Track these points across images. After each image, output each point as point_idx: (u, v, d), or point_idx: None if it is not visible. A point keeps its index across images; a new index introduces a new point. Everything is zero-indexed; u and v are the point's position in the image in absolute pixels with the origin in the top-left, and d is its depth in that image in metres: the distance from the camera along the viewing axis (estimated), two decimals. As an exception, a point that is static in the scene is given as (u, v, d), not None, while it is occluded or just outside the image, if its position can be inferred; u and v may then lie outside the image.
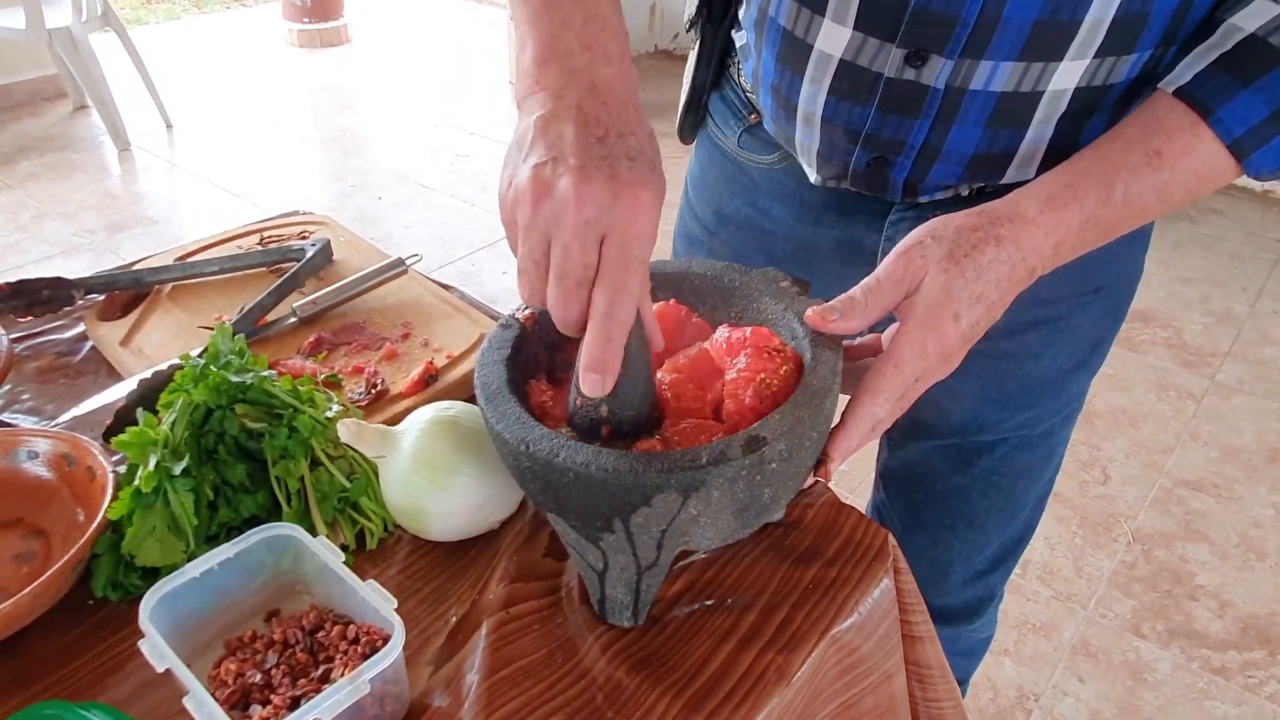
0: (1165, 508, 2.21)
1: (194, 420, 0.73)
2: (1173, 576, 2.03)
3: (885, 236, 0.83)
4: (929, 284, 0.61)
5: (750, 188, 0.90)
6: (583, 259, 0.51)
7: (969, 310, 0.61)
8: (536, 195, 0.51)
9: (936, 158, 0.73)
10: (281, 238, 1.11)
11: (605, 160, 0.51)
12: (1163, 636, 1.89)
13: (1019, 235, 0.62)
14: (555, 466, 0.56)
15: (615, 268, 0.51)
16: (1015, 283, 0.63)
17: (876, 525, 0.75)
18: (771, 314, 0.68)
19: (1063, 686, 1.79)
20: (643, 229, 0.51)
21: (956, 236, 0.62)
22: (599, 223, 0.50)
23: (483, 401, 0.62)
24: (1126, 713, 1.74)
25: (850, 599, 0.69)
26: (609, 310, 0.52)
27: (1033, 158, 0.72)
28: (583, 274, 0.52)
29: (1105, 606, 1.95)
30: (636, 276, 0.52)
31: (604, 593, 0.66)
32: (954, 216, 0.63)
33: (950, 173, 0.74)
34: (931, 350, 0.61)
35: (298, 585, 0.70)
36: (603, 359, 0.53)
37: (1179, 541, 2.11)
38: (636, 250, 0.51)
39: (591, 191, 0.50)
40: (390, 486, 0.71)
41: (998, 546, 1.04)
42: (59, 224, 3.38)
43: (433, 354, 0.92)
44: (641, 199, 0.51)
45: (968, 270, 0.61)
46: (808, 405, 0.58)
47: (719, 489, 0.56)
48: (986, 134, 0.70)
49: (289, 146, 4.08)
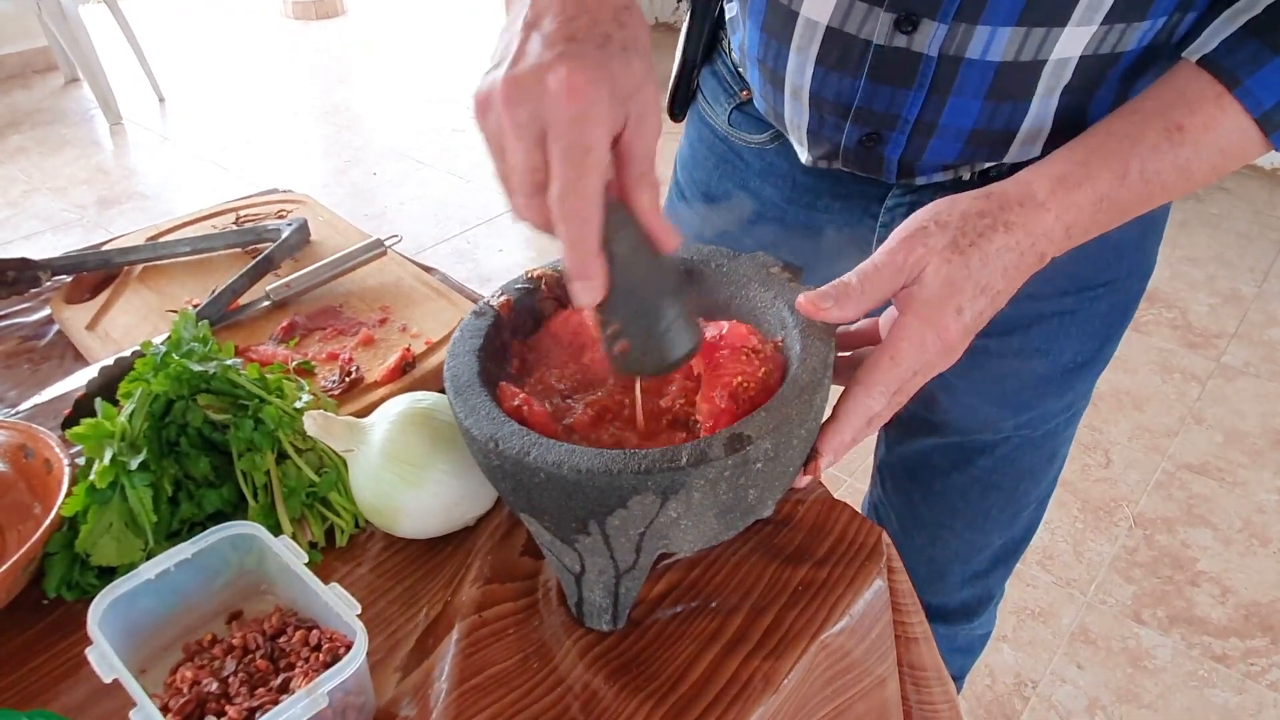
0: (1168, 492, 2.18)
1: (154, 411, 0.70)
2: (1174, 562, 2.00)
3: (881, 222, 0.79)
4: (931, 274, 0.57)
5: (741, 168, 0.86)
6: (527, 163, 0.47)
7: (973, 302, 0.57)
8: (481, 107, 0.48)
9: (932, 133, 0.69)
10: (257, 217, 1.08)
11: (539, 52, 0.46)
12: (1163, 623, 1.86)
13: (1029, 220, 0.58)
14: (526, 466, 0.53)
15: (559, 163, 0.46)
16: (1024, 270, 0.59)
17: (870, 523, 0.72)
18: (760, 302, 0.65)
19: (1061, 673, 1.77)
20: (580, 113, 0.45)
21: (962, 223, 0.58)
22: (534, 121, 0.46)
23: (452, 395, 0.58)
24: (1126, 700, 1.72)
25: (842, 601, 0.66)
26: (560, 210, 0.46)
27: (1037, 135, 0.68)
28: (532, 180, 0.47)
29: (1105, 592, 1.93)
30: (584, 167, 0.45)
31: (581, 595, 0.62)
32: (960, 199, 0.59)
33: (948, 150, 0.70)
34: (931, 344, 0.58)
35: (262, 585, 0.67)
36: (574, 263, 0.48)
37: (1181, 526, 2.08)
38: (576, 137, 0.45)
39: (518, 90, 0.45)
40: (359, 482, 0.68)
41: (998, 547, 1.01)
42: (49, 199, 3.33)
43: (410, 340, 0.89)
44: (572, 82, 0.44)
45: (973, 260, 0.57)
46: (795, 401, 0.55)
47: (700, 491, 0.52)
48: (986, 107, 0.66)
49: (283, 121, 4.02)
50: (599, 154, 0.46)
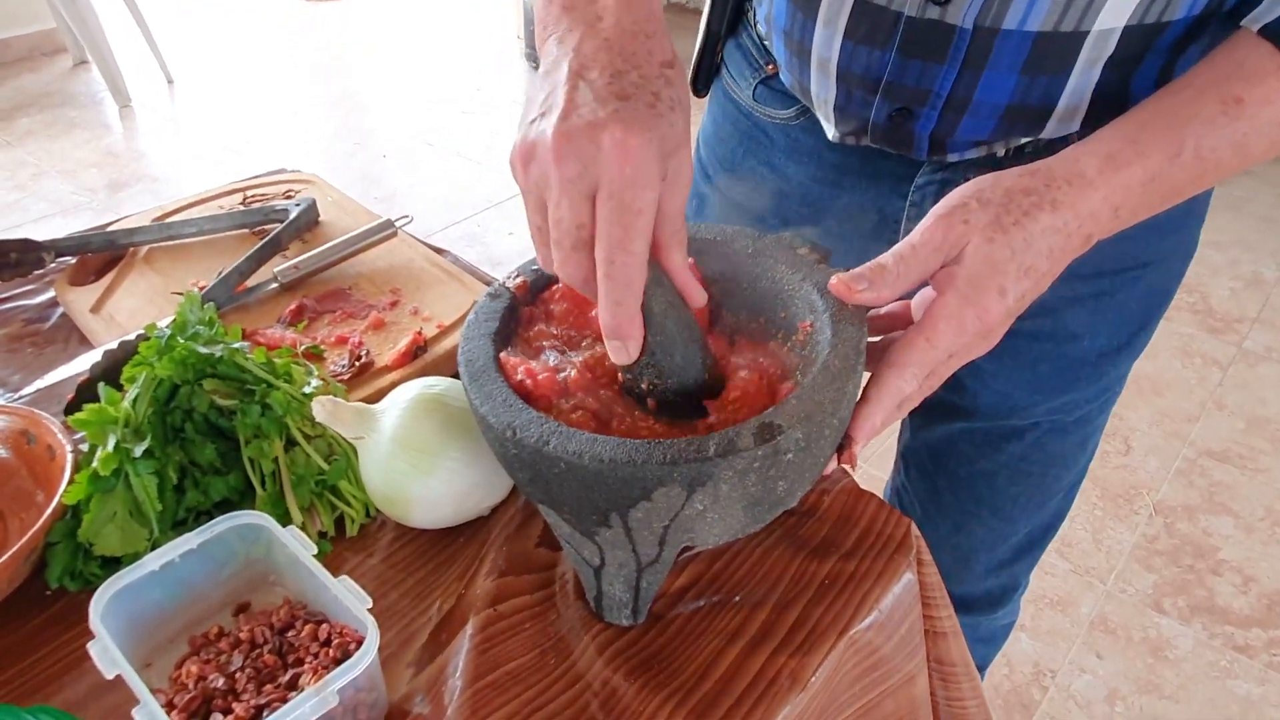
0: (1189, 479, 2.14)
1: (159, 396, 0.67)
2: (1195, 550, 1.97)
3: (911, 201, 0.76)
4: (972, 253, 0.54)
5: (766, 145, 0.83)
6: (573, 219, 0.46)
7: (1016, 284, 0.54)
8: (525, 157, 0.47)
9: (966, 109, 0.66)
10: (265, 197, 1.05)
11: (592, 106, 0.46)
12: (1184, 612, 1.83)
13: (1076, 199, 0.55)
14: (545, 455, 0.50)
15: (608, 224, 0.45)
16: (1068, 252, 0.56)
17: (899, 514, 0.69)
18: (787, 284, 0.62)
19: (1080, 663, 1.74)
20: (633, 175, 0.45)
21: (1006, 200, 0.54)
22: (584, 178, 0.45)
23: (466, 380, 0.56)
24: (1146, 691, 1.69)
25: (870, 595, 0.64)
26: (608, 271, 0.46)
27: (1075, 110, 0.65)
28: (576, 235, 0.47)
29: (1125, 581, 1.90)
30: (635, 230, 0.45)
31: (600, 589, 0.60)
32: (1003, 176, 0.56)
33: (981, 126, 0.67)
34: (970, 326, 0.55)
35: (270, 576, 0.65)
36: (614, 324, 0.48)
37: (1202, 514, 2.05)
38: (630, 200, 0.45)
39: (571, 146, 0.45)
40: (370, 471, 0.65)
41: (1024, 535, 0.98)
42: (59, 182, 3.31)
43: (422, 323, 0.86)
44: (628, 144, 0.44)
45: (1016, 239, 0.54)
46: (828, 389, 0.52)
47: (728, 482, 0.50)
48: (1022, 81, 0.63)
49: (292, 103, 3.99)
50: (649, 216, 0.46)
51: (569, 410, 0.54)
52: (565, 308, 0.63)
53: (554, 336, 0.60)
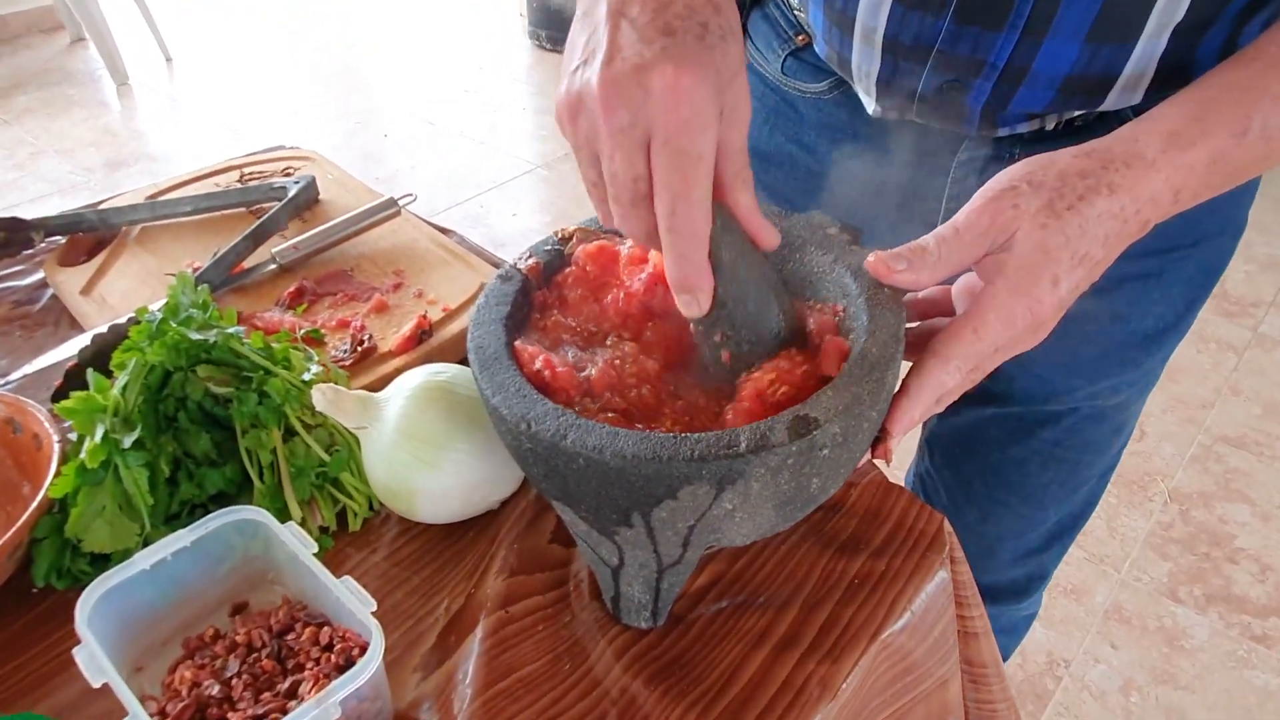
0: (1204, 466, 2.11)
1: (150, 383, 0.64)
2: (1211, 538, 1.93)
3: (952, 179, 0.71)
4: (1023, 240, 0.50)
5: (795, 121, 0.79)
6: (629, 172, 0.43)
7: (1070, 273, 0.50)
8: (571, 110, 0.44)
9: (1022, 80, 0.62)
10: (263, 174, 1.01)
11: (636, 47, 0.42)
12: (1200, 601, 1.80)
13: (1136, 183, 0.51)
14: (562, 451, 0.47)
15: (666, 173, 0.43)
16: (1125, 239, 0.52)
17: (930, 509, 0.66)
18: (818, 266, 0.58)
19: (1094, 653, 1.71)
20: (688, 118, 0.41)
21: (1059, 183, 0.50)
22: (636, 126, 0.42)
23: (476, 369, 0.52)
24: (1161, 681, 1.67)
25: (903, 595, 0.60)
26: (670, 223, 0.44)
27: (1139, 80, 0.61)
28: (634, 190, 0.44)
29: (1140, 569, 1.87)
30: (694, 177, 0.42)
31: (618, 590, 0.57)
32: (1057, 156, 0.52)
33: (1038, 98, 0.63)
34: (1021, 319, 0.51)
35: (269, 573, 0.61)
36: (681, 277, 0.46)
37: (1218, 501, 2.02)
38: (687, 145, 0.42)
39: (618, 93, 0.42)
40: (373, 463, 0.62)
41: (1054, 523, 0.95)
42: (57, 161, 3.27)
43: (426, 306, 0.83)
44: (679, 84, 0.41)
45: (1070, 225, 0.50)
46: (866, 380, 0.48)
47: (760, 480, 0.46)
48: (1085, 50, 0.59)
49: (293, 81, 3.93)
50: (709, 160, 0.43)
51: (594, 412, 0.50)
52: (580, 294, 0.59)
53: (571, 329, 0.56)
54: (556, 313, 0.58)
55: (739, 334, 0.51)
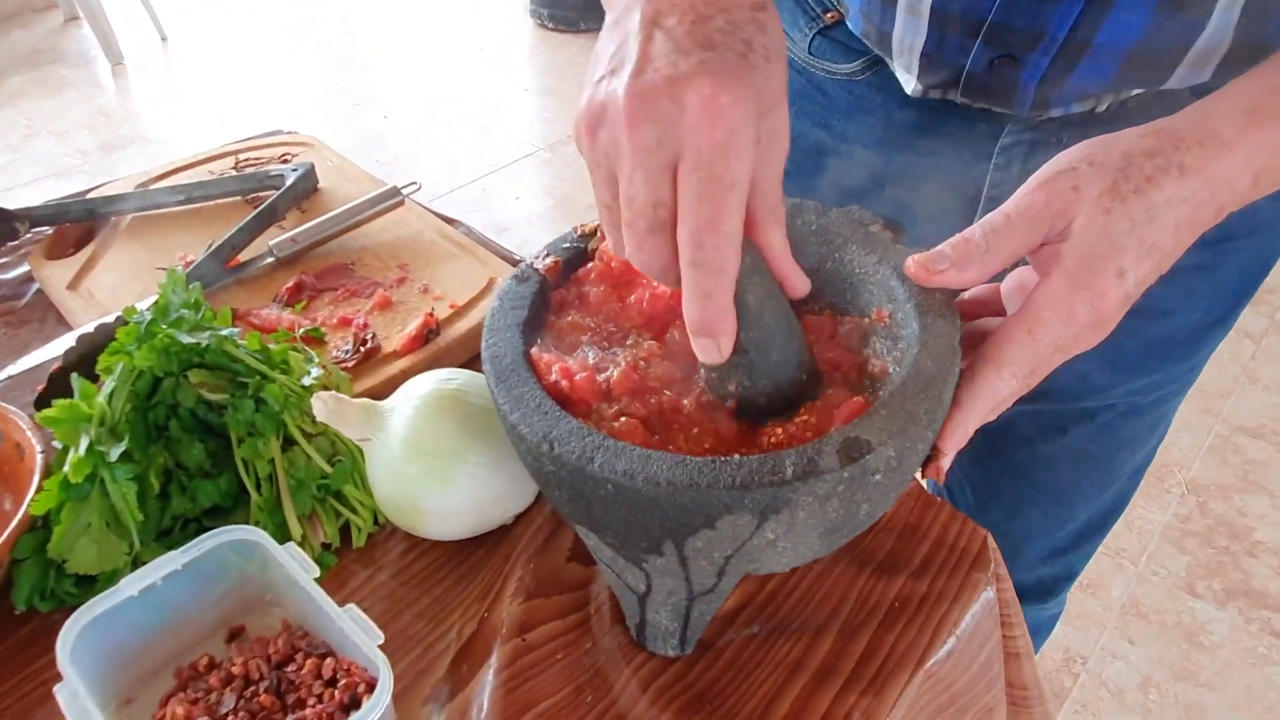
0: (1222, 456, 2.07)
1: (138, 390, 0.60)
2: (1230, 531, 1.90)
3: (994, 165, 0.67)
4: (1084, 227, 0.45)
5: (822, 105, 0.74)
6: (649, 196, 0.39)
7: (1136, 265, 0.46)
8: (591, 123, 0.40)
9: (1084, 54, 0.57)
10: (259, 161, 0.96)
11: (671, 58, 0.37)
12: (1219, 596, 1.77)
13: (1209, 164, 0.46)
14: (589, 476, 0.42)
15: (695, 201, 0.38)
16: (1197, 227, 0.47)
17: (972, 523, 0.62)
18: (860, 267, 0.53)
19: (1112, 649, 1.68)
20: (724, 141, 0.37)
21: (1125, 164, 0.46)
22: (664, 146, 0.38)
23: (492, 381, 0.47)
24: (1180, 678, 1.63)
25: (948, 619, 0.56)
26: (695, 257, 0.39)
27: (1210, 55, 0.56)
28: (653, 216, 0.39)
29: (1157, 563, 1.83)
30: (727, 206, 0.38)
31: (644, 618, 0.53)
32: (1120, 136, 0.48)
33: (1099, 74, 0.58)
34: (1082, 316, 0.46)
35: (267, 595, 0.57)
36: (703, 319, 0.40)
37: (1236, 493, 1.98)
38: (721, 170, 0.37)
39: (647, 106, 0.37)
40: (378, 477, 0.58)
41: (1083, 522, 0.91)
42: (51, 143, 3.21)
43: (433, 303, 0.78)
44: (717, 102, 0.37)
45: (1137, 210, 0.45)
46: (921, 397, 0.44)
47: (806, 509, 0.42)
48: (1156, 20, 0.54)
49: (291, 60, 3.86)
50: (742, 190, 0.38)
51: (612, 417, 0.46)
52: (601, 291, 0.54)
53: (589, 329, 0.52)
54: (574, 313, 0.54)
55: (756, 385, 0.47)
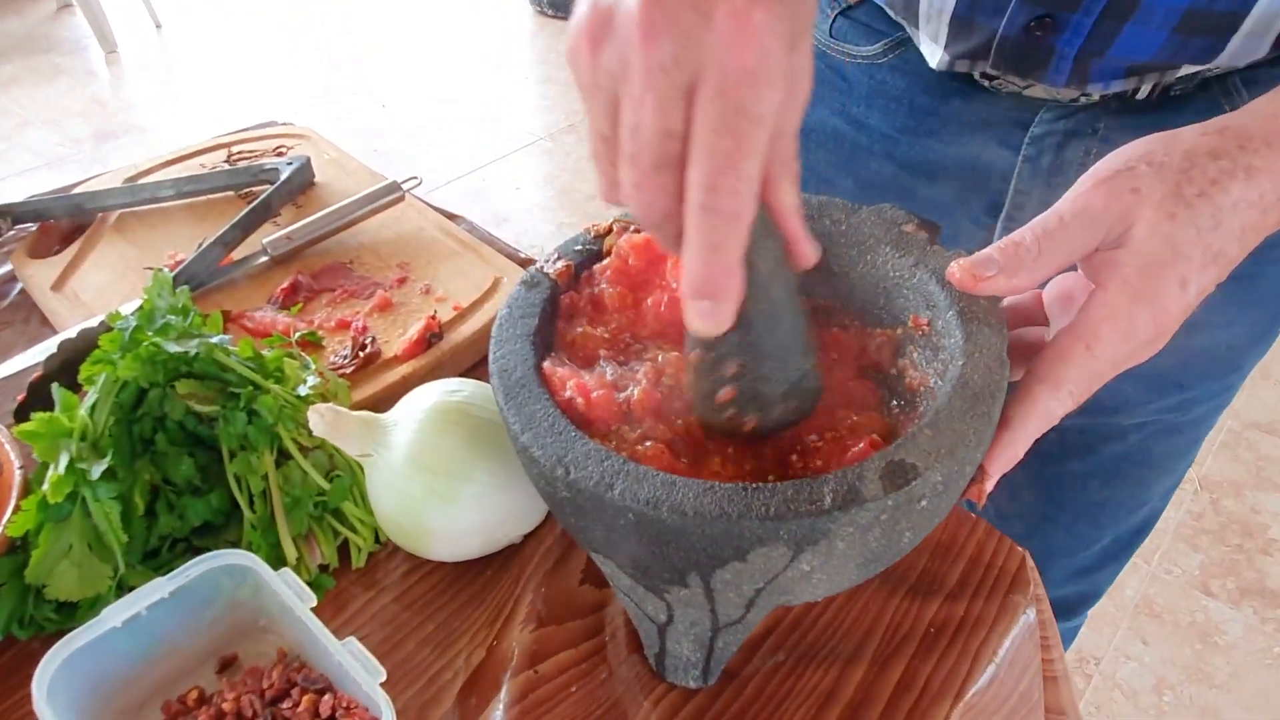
0: (1234, 453, 2.04)
1: (122, 402, 0.56)
2: (1243, 529, 1.87)
3: (1024, 156, 0.63)
4: (1146, 234, 0.42)
5: (842, 91, 0.70)
6: (659, 124, 0.32)
7: (1200, 274, 0.42)
8: (594, 36, 0.33)
9: (1131, 15, 0.52)
10: (253, 154, 0.92)
11: None
12: (1233, 595, 1.74)
13: (1277, 165, 0.42)
14: (608, 504, 0.39)
15: (714, 133, 0.32)
16: (1262, 232, 0.44)
17: (1009, 541, 0.58)
18: (894, 270, 0.50)
19: (1125, 649, 1.65)
20: (754, 66, 0.31)
21: (1187, 164, 0.42)
22: (683, 65, 0.31)
23: (501, 398, 0.44)
24: (1195, 679, 1.61)
25: (986, 646, 0.53)
26: (707, 200, 0.33)
27: (1270, 24, 0.52)
28: (661, 148, 0.33)
29: (1170, 562, 1.80)
30: (751, 143, 0.32)
31: (664, 647, 0.49)
32: (1180, 134, 0.44)
33: (1148, 40, 0.53)
34: (1143, 329, 0.43)
35: (261, 620, 0.54)
36: (707, 276, 0.34)
37: (1250, 490, 1.95)
38: (748, 101, 0.31)
39: (665, 15, 0.31)
40: (380, 495, 0.54)
41: (1111, 541, 0.87)
42: (44, 132, 3.17)
43: (435, 305, 0.74)
44: (751, 18, 0.31)
45: (1202, 216, 0.42)
46: (970, 415, 0.40)
47: (845, 539, 0.38)
48: None
49: (287, 48, 3.81)
50: (769, 128, 0.32)
51: (635, 441, 0.42)
52: (616, 294, 0.50)
53: (604, 341, 0.48)
54: (586, 324, 0.50)
55: (758, 369, 0.41)
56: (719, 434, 0.44)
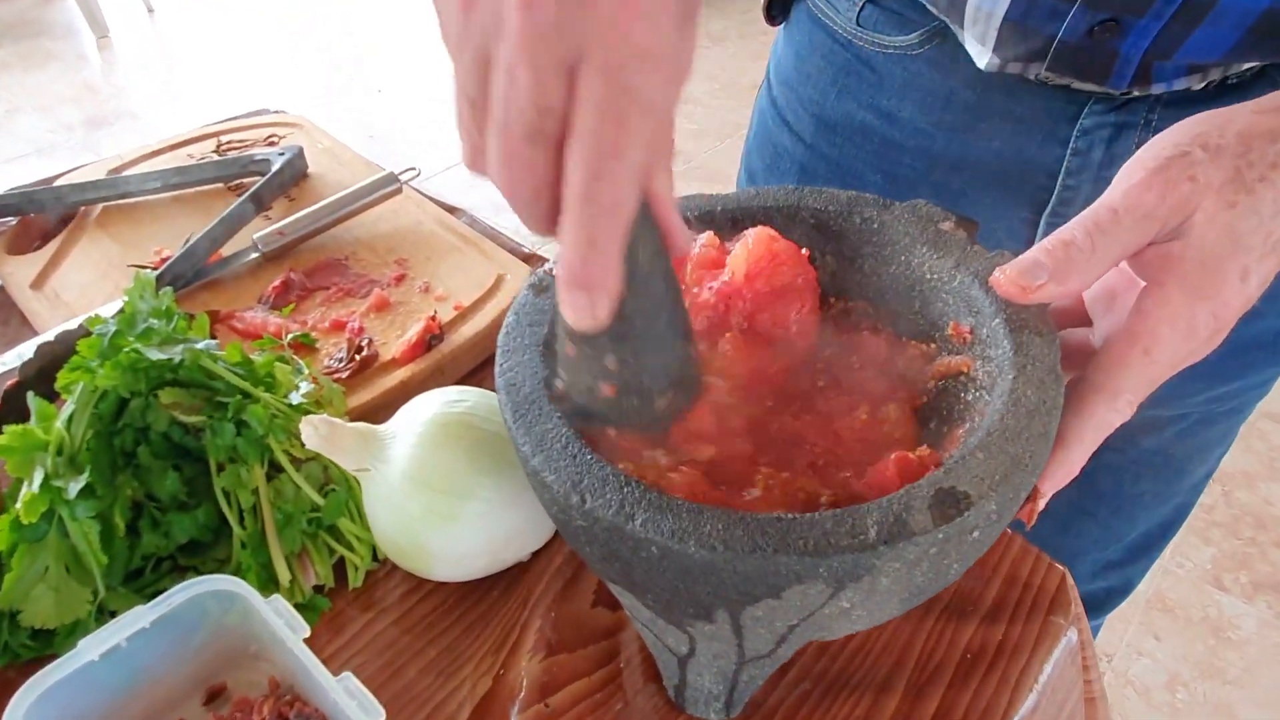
0: (1246, 443, 2.00)
1: (101, 413, 0.52)
2: (1256, 521, 1.84)
3: (1072, 151, 0.59)
4: (1205, 225, 0.39)
5: (871, 83, 0.66)
6: (535, 95, 0.29)
7: (1261, 263, 0.39)
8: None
9: (1204, 17, 0.49)
10: (244, 144, 0.88)
11: None
12: (1246, 589, 1.71)
13: None
14: (628, 536, 0.35)
15: (598, 116, 0.29)
16: None
17: (1047, 558, 0.55)
18: (934, 273, 0.46)
19: (1137, 645, 1.63)
20: (646, 44, 0.28)
21: (1244, 148, 0.39)
22: (564, 33, 0.28)
23: (509, 415, 0.40)
24: (1208, 675, 1.58)
25: (1028, 673, 0.49)
26: (588, 190, 0.29)
27: None
28: (535, 121, 0.29)
29: (1182, 555, 1.77)
30: (639, 130, 0.29)
31: (684, 679, 0.46)
32: (1232, 115, 0.41)
33: (1219, 41, 0.50)
34: (1204, 328, 0.40)
35: (251, 646, 0.50)
36: (586, 270, 0.31)
37: (1263, 482, 1.92)
38: (639, 83, 0.29)
39: None
40: (377, 512, 0.50)
41: (1141, 534, 0.84)
42: (34, 119, 3.11)
43: (435, 304, 0.71)
44: None
45: (1264, 202, 0.39)
46: (1025, 434, 0.37)
47: (891, 575, 0.35)
48: None
49: (281, 31, 3.75)
50: (658, 112, 0.29)
51: (667, 468, 0.39)
52: None
53: None
54: None
55: (640, 362, 0.37)
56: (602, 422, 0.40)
